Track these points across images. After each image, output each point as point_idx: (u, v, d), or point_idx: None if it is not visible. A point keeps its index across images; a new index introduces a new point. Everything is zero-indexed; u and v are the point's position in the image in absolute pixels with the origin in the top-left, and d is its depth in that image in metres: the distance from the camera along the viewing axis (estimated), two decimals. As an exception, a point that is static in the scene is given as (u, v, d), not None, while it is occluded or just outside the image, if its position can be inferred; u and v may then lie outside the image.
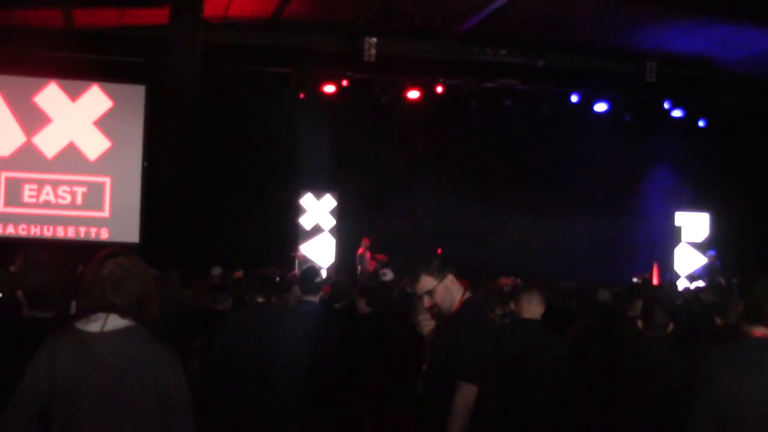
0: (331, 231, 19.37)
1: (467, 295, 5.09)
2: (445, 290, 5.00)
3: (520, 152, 19.35)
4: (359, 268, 18.42)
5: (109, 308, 3.57)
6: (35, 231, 17.35)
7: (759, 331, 3.86)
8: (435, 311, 5.09)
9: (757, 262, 17.00)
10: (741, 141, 19.16)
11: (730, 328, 6.22)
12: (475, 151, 19.16)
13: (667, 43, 17.45)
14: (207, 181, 17.69)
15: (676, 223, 20.72)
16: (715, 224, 20.60)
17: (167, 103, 15.90)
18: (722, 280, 17.49)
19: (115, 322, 3.57)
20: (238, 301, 8.51)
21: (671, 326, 6.04)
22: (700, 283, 18.02)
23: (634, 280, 17.28)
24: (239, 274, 13.89)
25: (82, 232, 17.45)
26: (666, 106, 19.27)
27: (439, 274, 5.00)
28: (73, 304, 4.23)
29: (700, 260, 20.30)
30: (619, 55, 18.33)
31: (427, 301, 5.05)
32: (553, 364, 6.29)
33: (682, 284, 18.91)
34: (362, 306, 7.95)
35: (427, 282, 5.01)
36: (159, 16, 15.04)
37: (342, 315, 7.92)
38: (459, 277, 5.12)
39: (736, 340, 4.01)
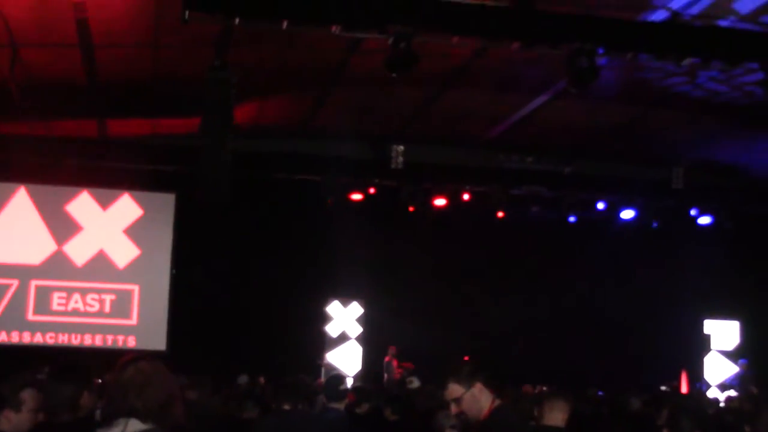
0: (358, 339, 19.28)
1: (497, 402, 5.02)
2: (472, 398, 4.94)
3: (547, 259, 19.31)
4: (386, 376, 18.26)
5: (130, 413, 3.53)
6: (63, 339, 17.40)
7: None
8: (464, 419, 5.04)
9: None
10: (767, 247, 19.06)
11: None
12: (502, 257, 19.18)
13: (694, 149, 17.55)
14: (234, 288, 17.79)
15: (706, 331, 20.46)
16: (746, 332, 20.33)
17: (196, 211, 16.09)
18: (755, 389, 17.19)
19: (135, 427, 3.52)
20: (265, 409, 8.46)
21: (697, 434, 5.93)
22: (732, 393, 17.71)
23: (663, 388, 17.04)
24: (261, 380, 13.82)
25: (109, 340, 17.47)
26: (693, 212, 19.23)
27: (467, 381, 4.95)
28: (98, 412, 4.22)
29: (732, 369, 19.98)
30: (646, 162, 18.43)
31: (454, 408, 5.00)
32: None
33: (713, 393, 18.61)
34: (388, 414, 7.90)
35: (454, 389, 4.96)
36: (190, 125, 15.35)
37: (367, 423, 7.86)
38: (490, 385, 5.07)
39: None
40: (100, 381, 8.63)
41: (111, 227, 17.76)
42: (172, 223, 17.90)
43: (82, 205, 17.67)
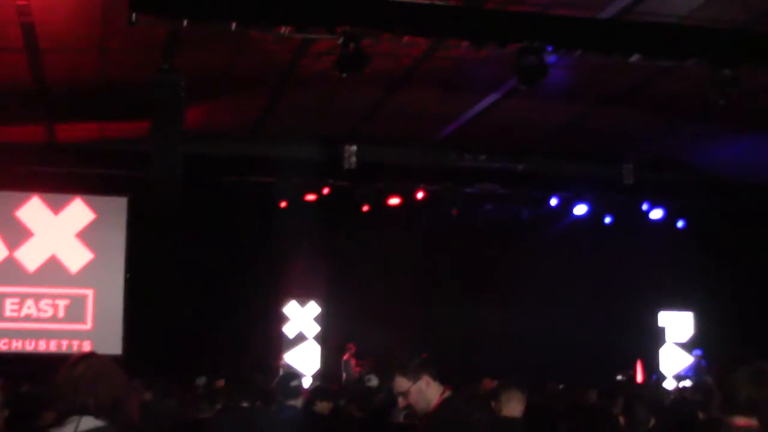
0: (316, 338, 19.26)
1: (446, 394, 5.06)
2: (419, 391, 4.99)
3: (501, 256, 19.41)
4: (344, 374, 18.27)
5: (83, 410, 3.51)
6: (17, 345, 17.24)
7: (739, 420, 3.88)
8: (413, 411, 5.08)
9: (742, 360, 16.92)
10: (720, 240, 19.29)
11: (712, 422, 6.20)
12: (456, 254, 19.25)
13: (643, 145, 17.73)
14: (190, 290, 17.70)
15: (660, 323, 20.69)
16: (700, 323, 20.58)
17: (149, 214, 16.00)
18: (709, 379, 17.42)
19: (88, 423, 3.49)
20: (225, 408, 8.47)
21: (653, 421, 6.02)
22: (687, 383, 17.92)
23: (618, 377, 17.22)
24: (221, 383, 13.77)
25: (64, 345, 17.32)
26: (645, 207, 19.44)
27: (414, 375, 4.99)
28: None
29: (687, 360, 20.22)
30: (597, 158, 18.59)
31: (401, 402, 5.05)
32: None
33: (669, 384, 18.84)
34: (354, 411, 7.95)
35: (401, 383, 5.01)
36: (140, 128, 15.25)
37: (325, 420, 7.89)
38: (441, 381, 5.10)
39: (715, 429, 4.01)
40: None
41: (63, 232, 17.60)
42: (125, 227, 17.78)
43: (32, 210, 17.49)
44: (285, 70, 13.36)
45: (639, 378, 18.72)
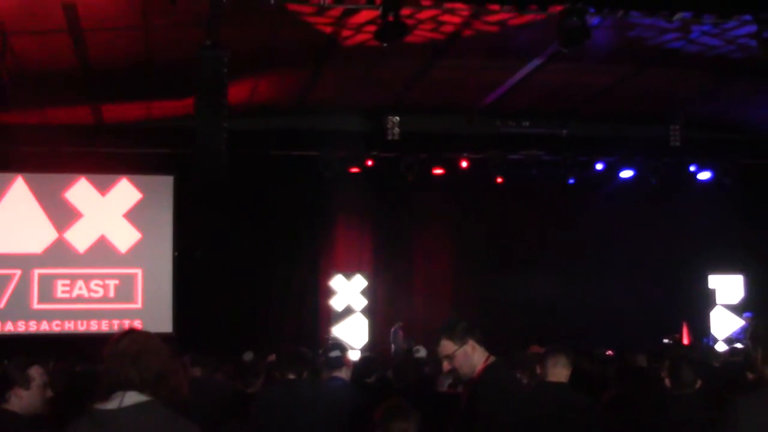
0: (363, 311, 19.31)
1: (491, 359, 5.05)
2: (465, 355, 4.98)
3: (549, 223, 19.31)
4: (393, 346, 18.31)
5: (127, 384, 3.53)
6: (69, 326, 17.45)
7: None
8: (456, 376, 5.08)
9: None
10: (769, 200, 19.05)
11: (760, 381, 6.14)
12: (503, 223, 19.17)
13: (690, 105, 17.52)
14: (238, 267, 17.81)
15: (710, 286, 20.49)
16: (750, 286, 20.34)
17: (195, 192, 16.10)
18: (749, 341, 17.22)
19: (132, 398, 3.52)
20: (270, 380, 8.52)
21: (699, 383, 5.96)
22: (739, 346, 17.75)
23: (665, 341, 17.11)
24: (272, 357, 13.85)
25: (115, 325, 17.49)
26: (692, 169, 19.22)
27: (460, 339, 4.99)
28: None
29: (737, 323, 20.02)
30: (643, 120, 18.39)
31: (446, 365, 5.05)
32: (579, 427, 6.22)
33: (720, 348, 18.68)
34: (394, 381, 7.96)
35: (447, 346, 5.01)
36: (184, 106, 15.33)
37: (373, 390, 7.90)
38: (489, 349, 5.09)
39: (760, 387, 3.94)
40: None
41: (111, 212, 17.77)
42: (171, 206, 17.91)
43: (80, 191, 17.67)
44: (326, 42, 13.36)
45: (685, 341, 18.55)
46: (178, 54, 12.86)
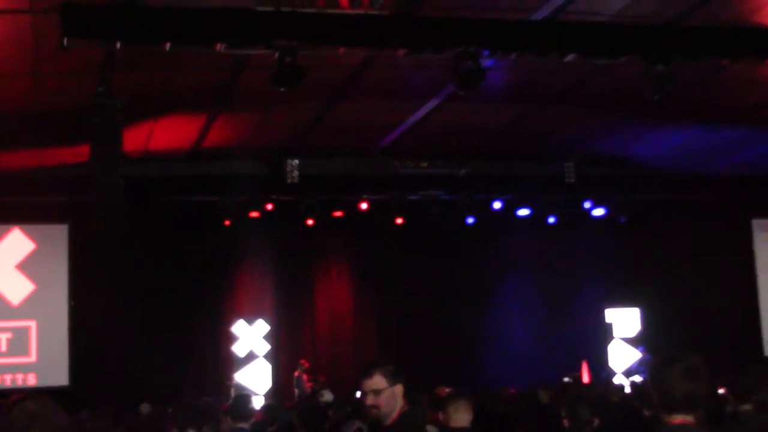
0: (266, 356, 19.11)
1: (405, 408, 5.06)
2: (392, 396, 4.98)
3: (447, 260, 19.43)
4: (297, 391, 18.14)
5: None
6: (-40, 382, 16.87)
7: (676, 418, 3.87)
8: (373, 414, 5.05)
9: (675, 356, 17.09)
10: (662, 234, 19.52)
11: (655, 420, 6.26)
12: (404, 263, 19.22)
13: (583, 143, 17.90)
14: (137, 315, 17.48)
15: (608, 320, 20.86)
16: (646, 318, 20.76)
17: (91, 240, 15.77)
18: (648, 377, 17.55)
19: None
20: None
21: (596, 422, 6.05)
22: (638, 378, 18.10)
23: (565, 379, 17.35)
24: (170, 409, 13.59)
25: (8, 380, 16.99)
26: (587, 205, 19.62)
27: (393, 379, 5.00)
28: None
29: (635, 355, 20.42)
30: (538, 158, 18.73)
31: (369, 400, 5.02)
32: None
33: (619, 380, 19.02)
34: (299, 428, 7.85)
35: (379, 382, 4.99)
36: (79, 154, 15.02)
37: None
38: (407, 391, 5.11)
39: (657, 429, 4.01)
40: None
41: (2, 263, 17.28)
42: (66, 255, 17.50)
43: (-29, 242, 17.18)
44: (223, 87, 13.27)
45: (585, 378, 18.84)
46: (71, 101, 12.63)
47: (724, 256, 19.47)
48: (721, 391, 8.41)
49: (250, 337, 19.08)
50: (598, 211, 19.69)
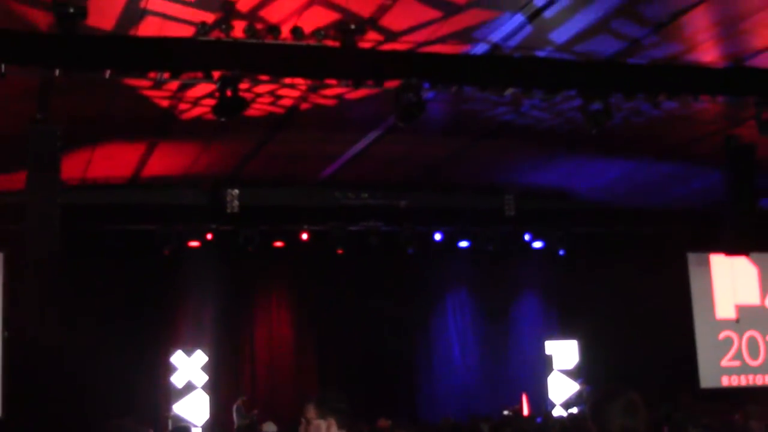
0: (204, 387, 18.91)
1: None
2: (317, 429, 4.98)
3: (388, 291, 19.43)
4: (236, 422, 17.98)
5: None
6: None
7: None
8: None
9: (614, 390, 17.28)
10: (600, 267, 19.72)
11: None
12: (344, 294, 19.21)
13: (523, 177, 18.09)
14: (72, 346, 17.19)
15: (547, 352, 20.99)
16: (583, 350, 20.92)
17: (26, 269, 15.51)
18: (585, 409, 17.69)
19: None
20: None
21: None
22: (575, 410, 18.23)
23: (505, 412, 17.43)
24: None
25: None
26: (527, 238, 19.79)
27: (324, 412, 4.99)
28: None
29: (574, 387, 20.56)
30: (479, 191, 18.88)
31: (301, 428, 5.03)
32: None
33: (558, 412, 19.14)
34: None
35: (310, 411, 5.00)
36: (14, 181, 14.82)
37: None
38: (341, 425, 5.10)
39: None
40: None
41: (-66, 293, 16.93)
42: (1, 284, 17.18)
43: None
44: (163, 115, 13.21)
45: (525, 411, 18.93)
46: (8, 127, 12.47)
47: (660, 288, 19.69)
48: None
49: (189, 368, 18.88)
50: (538, 244, 19.87)
